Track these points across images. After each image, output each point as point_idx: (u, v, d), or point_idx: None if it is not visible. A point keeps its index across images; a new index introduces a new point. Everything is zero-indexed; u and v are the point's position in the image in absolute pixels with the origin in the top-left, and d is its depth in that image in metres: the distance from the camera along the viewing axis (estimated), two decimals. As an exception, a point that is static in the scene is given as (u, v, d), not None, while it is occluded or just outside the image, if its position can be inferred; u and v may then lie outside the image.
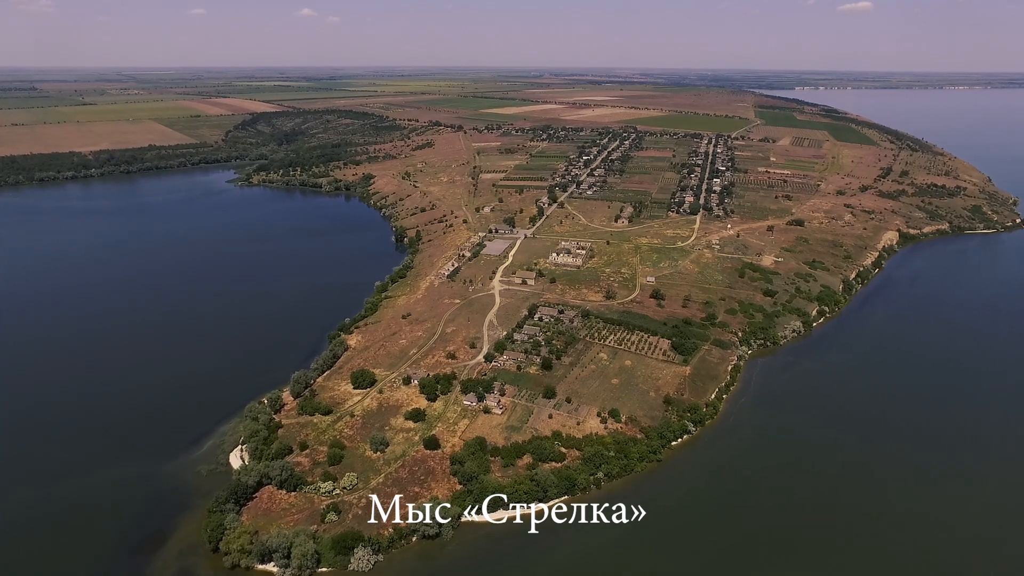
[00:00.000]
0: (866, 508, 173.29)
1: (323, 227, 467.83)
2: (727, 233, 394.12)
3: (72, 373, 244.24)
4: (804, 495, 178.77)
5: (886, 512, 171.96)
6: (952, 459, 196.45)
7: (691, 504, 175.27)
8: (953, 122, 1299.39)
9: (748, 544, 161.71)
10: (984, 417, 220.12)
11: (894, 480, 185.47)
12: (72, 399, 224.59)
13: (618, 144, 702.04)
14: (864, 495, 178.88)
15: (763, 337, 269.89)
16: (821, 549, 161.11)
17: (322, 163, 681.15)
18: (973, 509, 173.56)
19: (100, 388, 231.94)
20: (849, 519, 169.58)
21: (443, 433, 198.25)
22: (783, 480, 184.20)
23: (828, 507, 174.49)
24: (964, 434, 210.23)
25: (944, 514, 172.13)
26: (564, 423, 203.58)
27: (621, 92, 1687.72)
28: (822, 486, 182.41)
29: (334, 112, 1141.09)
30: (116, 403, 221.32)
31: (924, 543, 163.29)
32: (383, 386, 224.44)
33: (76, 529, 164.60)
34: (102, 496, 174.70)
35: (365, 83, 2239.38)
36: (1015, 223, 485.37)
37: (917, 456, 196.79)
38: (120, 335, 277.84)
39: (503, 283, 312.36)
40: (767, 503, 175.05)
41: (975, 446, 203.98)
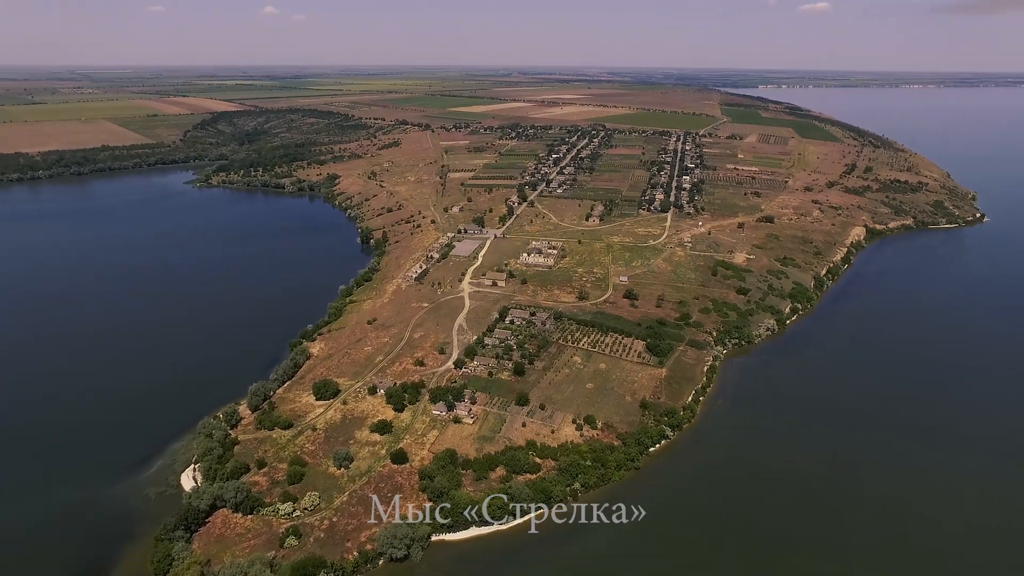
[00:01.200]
0: (852, 503, 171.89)
1: (286, 229, 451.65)
2: (698, 231, 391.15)
3: (8, 388, 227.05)
4: (788, 497, 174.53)
5: (872, 505, 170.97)
6: (932, 450, 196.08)
7: (672, 513, 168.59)
8: (910, 120, 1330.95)
9: (735, 552, 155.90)
10: (959, 408, 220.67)
11: (876, 474, 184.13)
12: (6, 416, 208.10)
13: (587, 142, 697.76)
14: (848, 491, 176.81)
15: (738, 336, 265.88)
16: (810, 549, 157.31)
17: (285, 163, 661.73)
18: (957, 499, 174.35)
19: (39, 405, 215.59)
20: (836, 516, 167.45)
21: (411, 446, 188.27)
22: (765, 483, 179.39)
23: (813, 507, 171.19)
24: (942, 426, 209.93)
25: (929, 504, 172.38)
26: (538, 431, 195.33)
27: (589, 90, 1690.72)
28: (805, 486, 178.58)
29: (298, 111, 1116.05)
30: (57, 421, 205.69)
31: (911, 533, 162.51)
32: (347, 396, 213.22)
33: (7, 563, 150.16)
34: (38, 524, 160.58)
35: (330, 82, 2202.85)
36: (976, 217, 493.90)
37: (898, 449, 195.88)
38: (63, 346, 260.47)
39: (473, 285, 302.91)
40: (750, 508, 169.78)
41: (954, 437, 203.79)
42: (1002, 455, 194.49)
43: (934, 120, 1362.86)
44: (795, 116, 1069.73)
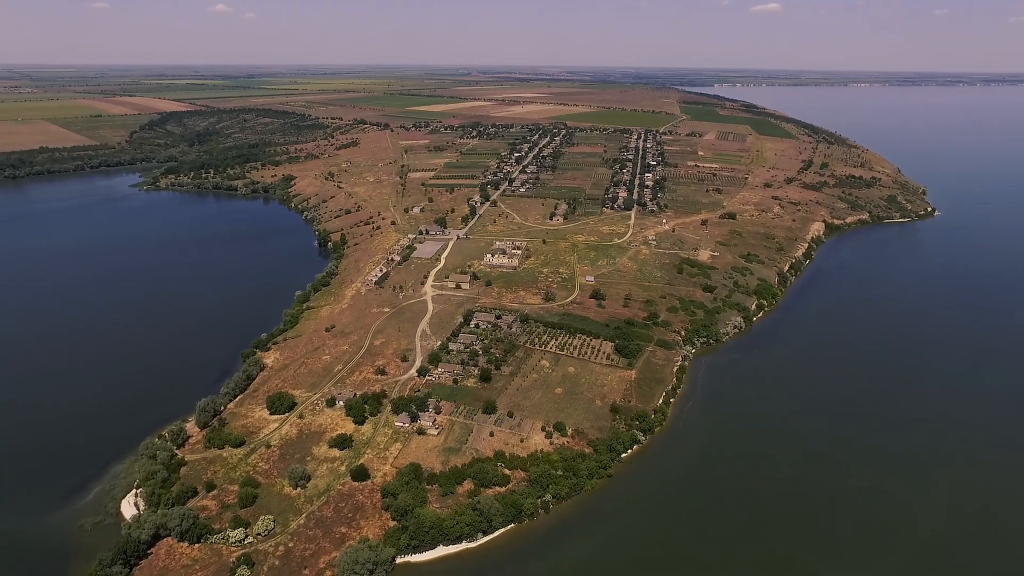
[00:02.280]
0: (829, 499, 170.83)
1: (238, 233, 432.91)
2: (663, 228, 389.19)
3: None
4: (765, 498, 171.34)
5: (850, 498, 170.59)
6: (905, 440, 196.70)
7: (647, 523, 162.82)
8: (859, 117, 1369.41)
9: (715, 558, 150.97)
10: (925, 399, 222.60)
11: (852, 467, 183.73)
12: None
13: (549, 140, 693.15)
14: (826, 487, 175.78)
15: (706, 335, 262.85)
16: (792, 548, 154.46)
17: (238, 164, 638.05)
18: (932, 485, 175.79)
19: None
20: (814, 513, 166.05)
21: (373, 461, 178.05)
22: (741, 485, 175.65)
23: (791, 506, 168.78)
24: (911, 416, 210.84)
25: (907, 492, 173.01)
26: (507, 440, 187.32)
27: (549, 89, 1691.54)
28: (781, 486, 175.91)
29: (252, 111, 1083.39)
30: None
31: (893, 523, 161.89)
32: (304, 410, 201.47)
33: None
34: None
35: (286, 81, 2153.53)
36: (927, 211, 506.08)
37: (871, 442, 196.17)
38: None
39: (436, 288, 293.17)
40: (727, 512, 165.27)
41: (923, 426, 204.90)
42: (970, 441, 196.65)
43: (882, 117, 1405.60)
44: (751, 114, 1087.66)
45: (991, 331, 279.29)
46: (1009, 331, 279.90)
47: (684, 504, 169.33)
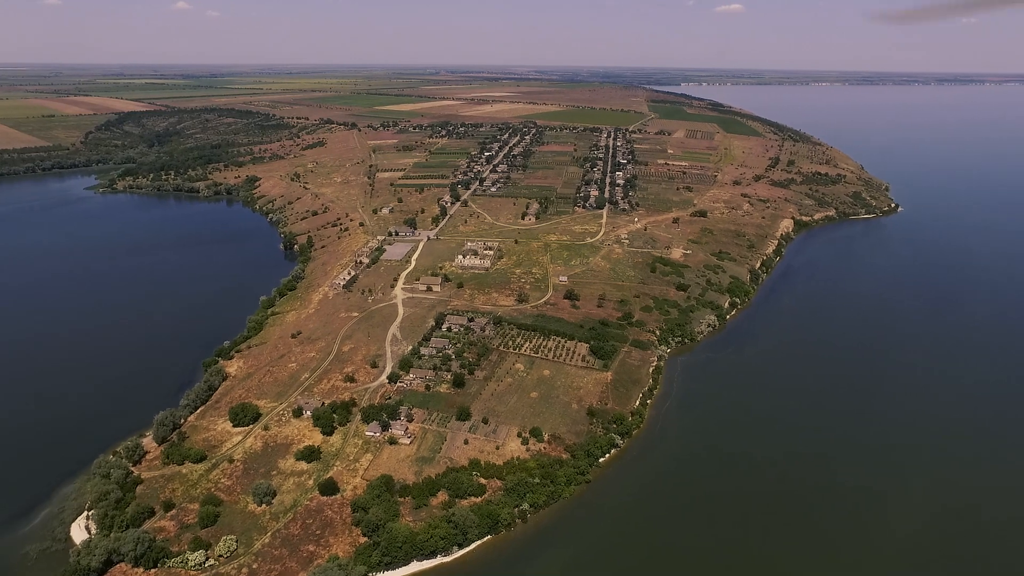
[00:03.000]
0: (812, 497, 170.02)
1: (200, 236, 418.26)
2: (634, 227, 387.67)
3: None
4: (746, 499, 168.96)
5: (832, 497, 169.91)
6: (883, 435, 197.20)
7: (627, 529, 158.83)
8: (822, 115, 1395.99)
9: (698, 562, 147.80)
10: (900, 393, 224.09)
11: (832, 464, 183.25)
12: None
13: (519, 139, 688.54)
14: (807, 484, 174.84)
15: (680, 334, 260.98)
16: (776, 548, 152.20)
17: (200, 165, 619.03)
18: (915, 480, 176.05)
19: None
20: (797, 512, 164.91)
21: (342, 473, 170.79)
22: (721, 487, 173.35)
23: (774, 504, 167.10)
24: (886, 410, 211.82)
25: (890, 489, 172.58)
26: (482, 448, 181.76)
27: (518, 88, 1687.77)
28: (763, 487, 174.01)
29: (214, 111, 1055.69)
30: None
31: (876, 519, 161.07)
32: (269, 421, 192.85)
33: None
34: None
35: (250, 81, 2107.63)
36: (891, 207, 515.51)
37: (849, 437, 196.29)
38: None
39: (406, 291, 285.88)
40: (707, 515, 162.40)
41: (899, 420, 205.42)
42: (944, 434, 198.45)
43: (842, 116, 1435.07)
44: (718, 112, 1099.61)
45: (957, 325, 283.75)
46: (974, 325, 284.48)
47: (664, 508, 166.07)
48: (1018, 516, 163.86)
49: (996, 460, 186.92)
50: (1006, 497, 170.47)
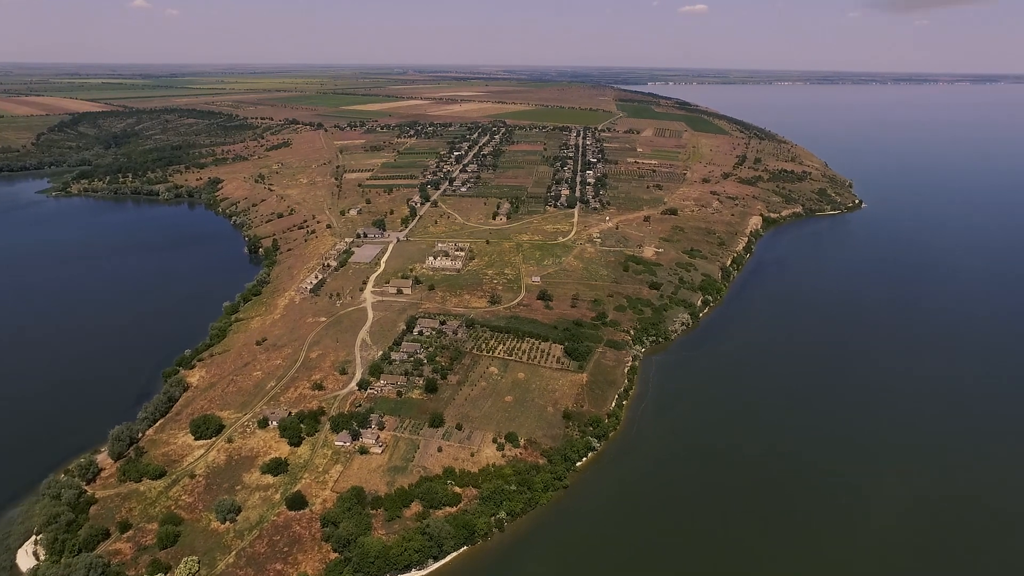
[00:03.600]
0: (790, 493, 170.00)
1: (160, 241, 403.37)
2: (606, 226, 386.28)
3: None
4: (726, 495, 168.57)
5: (811, 492, 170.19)
6: (857, 430, 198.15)
7: (606, 533, 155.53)
8: (786, 113, 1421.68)
9: (679, 566, 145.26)
10: (872, 386, 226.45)
11: (809, 459, 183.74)
12: None
13: (489, 139, 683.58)
14: (785, 481, 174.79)
15: (654, 333, 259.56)
16: (756, 549, 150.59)
17: (160, 167, 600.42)
18: (891, 472, 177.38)
19: None
20: (778, 508, 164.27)
21: (311, 486, 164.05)
22: (698, 488, 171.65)
23: (753, 501, 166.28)
24: (859, 404, 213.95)
25: (869, 482, 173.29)
26: (456, 455, 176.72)
27: (487, 88, 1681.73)
28: (741, 482, 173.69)
29: (174, 111, 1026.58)
30: None
31: (857, 513, 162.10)
32: (233, 433, 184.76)
33: None
34: None
35: (212, 80, 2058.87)
36: (855, 204, 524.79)
37: (824, 432, 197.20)
38: None
39: (376, 294, 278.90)
40: (686, 518, 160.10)
41: (872, 414, 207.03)
42: (917, 427, 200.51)
43: (805, 114, 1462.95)
44: (685, 111, 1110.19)
45: (922, 317, 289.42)
46: (938, 317, 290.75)
47: (644, 510, 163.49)
48: (989, 502, 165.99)
49: (964, 449, 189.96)
50: (975, 484, 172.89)
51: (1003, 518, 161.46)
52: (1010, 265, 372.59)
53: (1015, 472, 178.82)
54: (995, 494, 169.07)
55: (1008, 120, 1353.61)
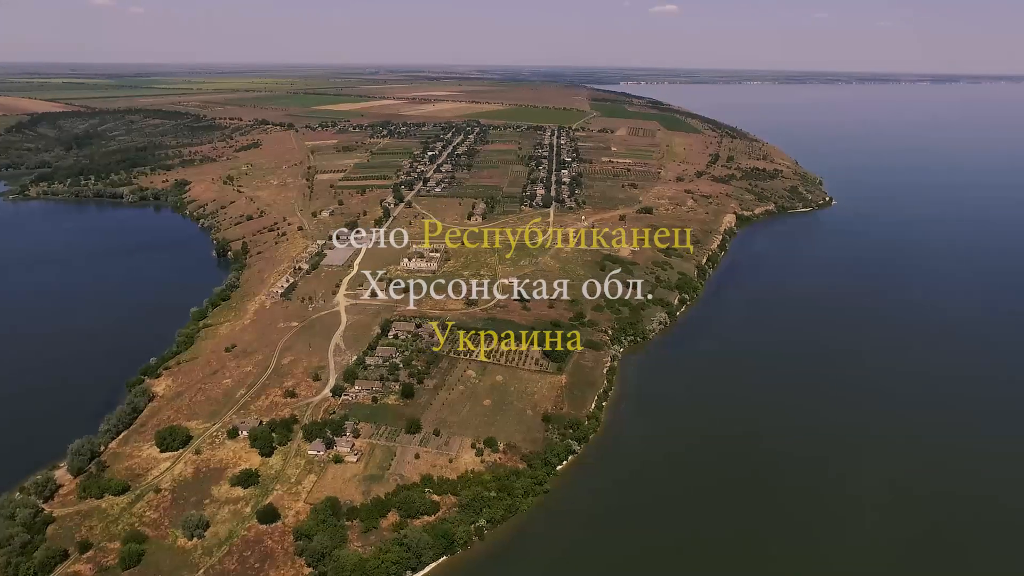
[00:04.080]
0: (774, 489, 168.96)
1: (125, 245, 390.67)
2: (582, 225, 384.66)
3: None
4: (706, 496, 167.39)
5: (793, 489, 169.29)
6: (837, 427, 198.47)
7: (588, 537, 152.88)
8: (756, 112, 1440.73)
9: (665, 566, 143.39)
10: (850, 382, 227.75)
11: (791, 457, 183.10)
12: None
13: (463, 138, 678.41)
14: (767, 476, 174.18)
15: (633, 332, 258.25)
16: (738, 550, 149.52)
17: (124, 169, 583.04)
18: (880, 472, 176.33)
19: None
20: (760, 504, 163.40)
21: (283, 498, 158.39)
22: (681, 486, 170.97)
23: (734, 502, 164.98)
24: (838, 400, 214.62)
25: (853, 480, 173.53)
26: (434, 462, 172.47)
27: (460, 87, 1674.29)
28: (722, 483, 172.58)
29: (140, 111, 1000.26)
30: None
31: (843, 510, 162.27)
32: (201, 444, 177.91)
33: None
34: None
35: (179, 80, 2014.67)
36: (826, 201, 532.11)
37: (805, 430, 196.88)
38: None
39: (349, 297, 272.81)
40: (666, 521, 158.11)
41: (853, 409, 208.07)
42: (901, 420, 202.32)
43: (776, 112, 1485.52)
44: (658, 110, 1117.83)
45: (897, 313, 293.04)
46: (913, 312, 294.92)
47: (625, 514, 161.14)
48: (970, 492, 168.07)
49: (947, 441, 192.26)
50: (958, 476, 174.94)
51: (986, 509, 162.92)
52: (976, 257, 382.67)
53: (997, 462, 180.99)
54: (979, 486, 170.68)
55: (963, 119, 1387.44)
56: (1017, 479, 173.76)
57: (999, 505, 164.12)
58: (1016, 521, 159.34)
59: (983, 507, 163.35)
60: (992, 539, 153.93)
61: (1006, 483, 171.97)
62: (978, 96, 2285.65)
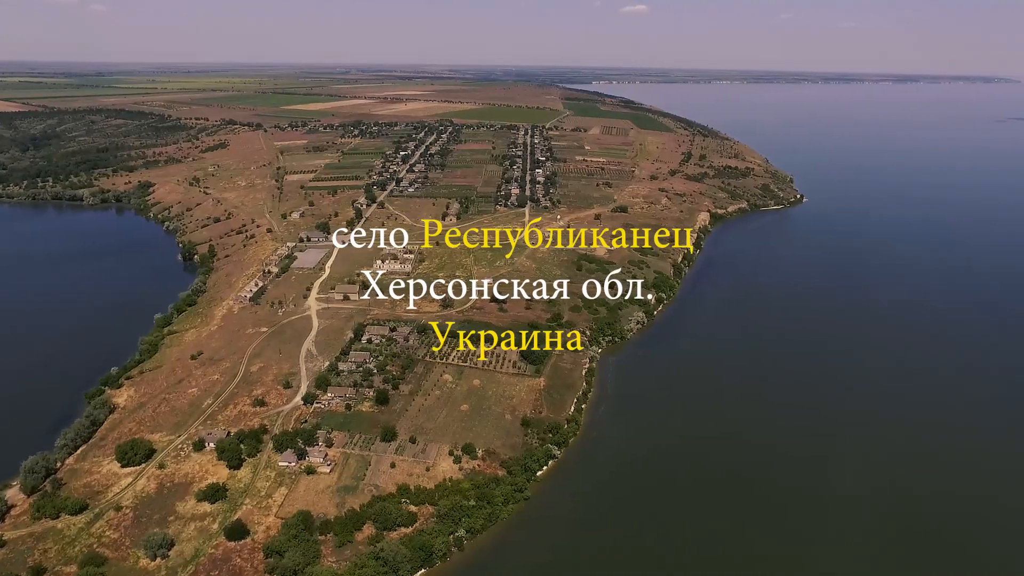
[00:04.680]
0: (757, 492, 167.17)
1: (84, 249, 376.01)
2: (558, 225, 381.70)
3: None
4: (689, 498, 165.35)
5: (777, 490, 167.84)
6: (818, 423, 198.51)
7: (571, 544, 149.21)
8: (726, 111, 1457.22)
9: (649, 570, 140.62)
10: (829, 377, 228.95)
11: (772, 455, 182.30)
12: None
13: (436, 138, 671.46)
14: (750, 477, 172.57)
15: (610, 333, 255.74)
16: (723, 552, 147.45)
17: (84, 171, 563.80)
18: (863, 468, 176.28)
19: None
20: (744, 506, 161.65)
21: (253, 513, 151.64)
22: (663, 489, 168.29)
23: (717, 503, 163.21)
24: (816, 397, 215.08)
25: (835, 476, 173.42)
26: (411, 471, 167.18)
27: (432, 87, 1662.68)
28: (704, 483, 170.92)
29: (101, 111, 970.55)
30: None
31: (830, 510, 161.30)
32: (165, 458, 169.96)
33: None
34: None
35: (143, 80, 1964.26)
36: (797, 198, 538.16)
37: (786, 427, 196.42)
38: None
39: (321, 301, 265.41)
40: (649, 524, 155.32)
41: (837, 407, 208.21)
42: (881, 414, 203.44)
43: (745, 111, 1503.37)
44: (630, 109, 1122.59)
45: (872, 309, 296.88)
46: (887, 307, 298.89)
47: (606, 519, 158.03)
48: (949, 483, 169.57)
49: (925, 436, 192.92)
50: (939, 472, 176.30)
51: (967, 504, 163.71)
52: (942, 252, 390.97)
53: (975, 457, 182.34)
54: (958, 481, 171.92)
55: (922, 119, 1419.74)
56: (978, 470, 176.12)
57: (967, 497, 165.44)
58: (981, 513, 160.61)
59: (968, 503, 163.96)
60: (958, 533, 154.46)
61: (974, 475, 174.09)
62: (936, 97, 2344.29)
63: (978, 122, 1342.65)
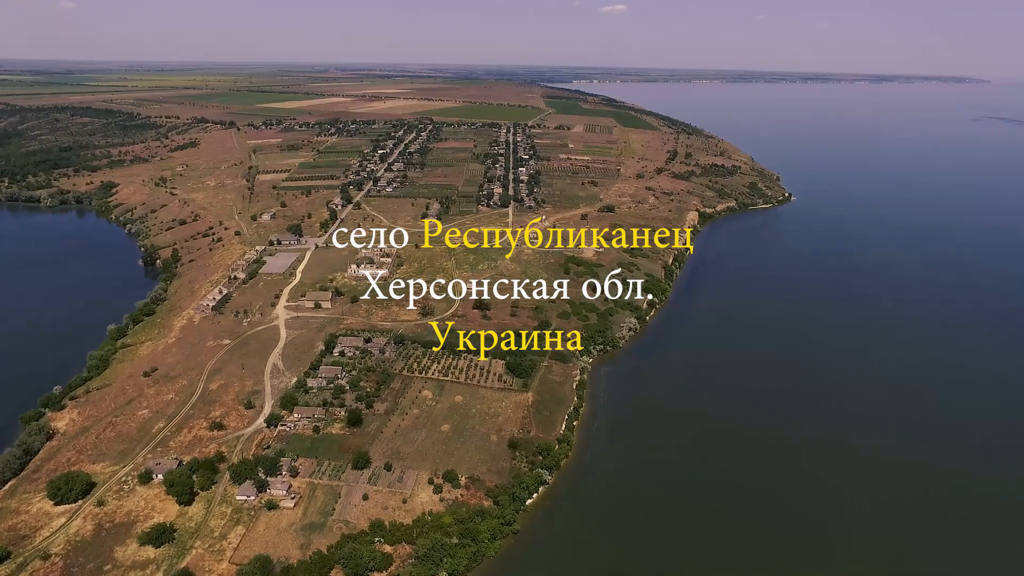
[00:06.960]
0: (761, 516, 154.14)
1: (37, 254, 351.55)
2: (543, 225, 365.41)
3: None
4: (691, 524, 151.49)
5: (782, 511, 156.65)
6: (818, 430, 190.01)
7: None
8: (707, 109, 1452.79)
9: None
10: (828, 382, 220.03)
11: (773, 471, 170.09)
12: None
13: (415, 136, 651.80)
14: (753, 497, 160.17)
15: (602, 340, 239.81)
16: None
17: (43, 171, 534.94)
18: (863, 476, 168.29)
19: None
20: (748, 531, 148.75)
21: (203, 558, 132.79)
22: (663, 518, 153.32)
23: (720, 530, 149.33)
24: (817, 403, 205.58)
25: (841, 489, 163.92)
26: (386, 503, 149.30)
27: (412, 85, 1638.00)
28: (705, 509, 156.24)
29: (66, 109, 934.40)
30: None
31: (832, 521, 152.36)
32: (106, 493, 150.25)
33: None
34: None
35: (113, 78, 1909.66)
36: (785, 197, 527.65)
37: (785, 439, 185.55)
38: None
39: (290, 309, 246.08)
40: (651, 549, 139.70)
41: (835, 414, 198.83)
42: (878, 420, 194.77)
43: (726, 110, 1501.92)
44: (613, 107, 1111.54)
45: (867, 310, 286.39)
46: (882, 308, 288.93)
47: (603, 553, 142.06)
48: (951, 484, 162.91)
49: (924, 443, 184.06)
50: (937, 476, 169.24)
51: (969, 505, 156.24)
52: (930, 249, 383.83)
53: (970, 461, 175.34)
54: (964, 481, 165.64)
55: (903, 118, 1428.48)
56: (987, 471, 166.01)
57: (977, 498, 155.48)
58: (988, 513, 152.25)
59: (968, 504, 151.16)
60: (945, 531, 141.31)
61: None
62: (911, 97, 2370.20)
63: (956, 121, 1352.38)
